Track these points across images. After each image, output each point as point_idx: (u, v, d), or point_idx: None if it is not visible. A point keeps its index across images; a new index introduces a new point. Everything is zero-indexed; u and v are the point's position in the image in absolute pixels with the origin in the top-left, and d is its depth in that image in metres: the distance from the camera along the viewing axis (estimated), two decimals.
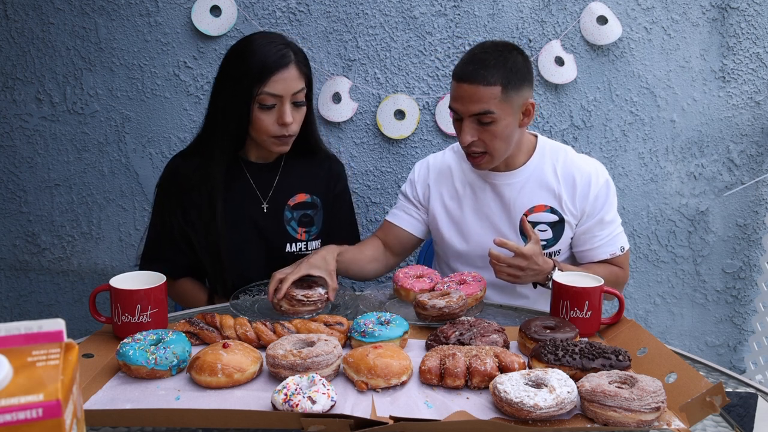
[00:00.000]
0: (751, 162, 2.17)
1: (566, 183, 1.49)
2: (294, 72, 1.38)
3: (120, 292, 1.09)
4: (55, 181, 2.21)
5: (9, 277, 2.29)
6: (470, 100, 1.35)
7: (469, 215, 1.55)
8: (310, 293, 1.24)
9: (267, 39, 1.41)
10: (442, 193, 1.58)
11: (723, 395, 0.83)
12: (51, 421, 0.41)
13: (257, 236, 1.52)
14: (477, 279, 1.34)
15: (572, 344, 0.99)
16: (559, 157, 1.52)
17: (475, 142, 1.39)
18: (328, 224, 1.60)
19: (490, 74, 1.34)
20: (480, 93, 1.34)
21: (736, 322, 2.28)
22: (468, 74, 1.35)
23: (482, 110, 1.35)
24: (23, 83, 2.14)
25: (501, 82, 1.34)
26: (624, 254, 1.53)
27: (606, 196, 1.50)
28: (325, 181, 1.59)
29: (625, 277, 1.56)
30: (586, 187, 1.48)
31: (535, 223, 1.50)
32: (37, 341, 0.46)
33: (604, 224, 1.50)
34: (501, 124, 1.37)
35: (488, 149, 1.40)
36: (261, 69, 1.36)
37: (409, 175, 1.65)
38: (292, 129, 1.41)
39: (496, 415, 0.88)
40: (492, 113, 1.35)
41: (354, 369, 0.96)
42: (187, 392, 0.94)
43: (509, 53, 1.39)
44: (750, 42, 2.10)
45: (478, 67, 1.35)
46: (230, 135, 1.44)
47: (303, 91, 1.41)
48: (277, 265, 1.48)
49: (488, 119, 1.36)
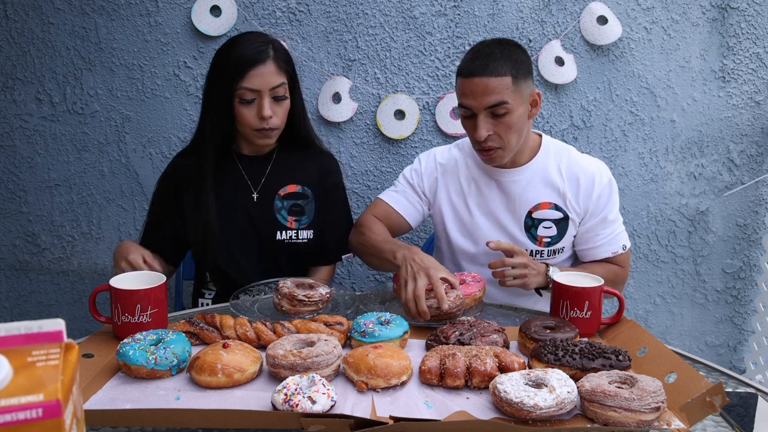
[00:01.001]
0: (751, 162, 2.17)
1: (570, 181, 1.50)
2: (272, 67, 1.43)
3: (120, 292, 1.09)
4: (55, 181, 2.21)
5: (9, 277, 2.29)
6: (483, 93, 1.36)
7: (474, 212, 1.56)
8: (311, 293, 1.24)
9: (248, 37, 1.47)
10: (448, 189, 1.59)
11: (723, 395, 0.83)
12: (51, 421, 0.41)
13: (248, 224, 1.57)
14: (476, 279, 1.34)
15: (572, 344, 0.99)
16: (563, 156, 1.53)
17: (491, 136, 1.40)
18: (321, 218, 1.62)
19: (500, 65, 1.36)
20: (492, 84, 1.35)
21: (736, 322, 2.28)
22: (478, 68, 1.36)
23: (497, 101, 1.36)
24: (23, 83, 2.14)
25: (510, 72, 1.36)
26: (625, 252, 1.54)
27: (609, 195, 1.50)
28: (316, 174, 1.63)
29: (625, 275, 1.57)
30: (590, 186, 1.49)
31: (540, 219, 1.52)
32: (37, 341, 0.46)
33: (606, 223, 1.51)
34: (515, 115, 1.38)
35: (503, 142, 1.41)
36: (238, 64, 1.42)
37: (414, 164, 1.64)
38: (273, 122, 1.46)
39: (496, 415, 0.88)
40: (507, 103, 1.36)
41: (354, 369, 0.96)
42: (187, 392, 0.94)
43: (511, 47, 1.42)
44: (750, 42, 2.10)
45: (487, 60, 1.36)
46: (219, 129, 1.50)
47: (283, 86, 1.46)
48: (268, 252, 1.57)
49: (503, 110, 1.37)
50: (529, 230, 1.52)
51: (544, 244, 1.52)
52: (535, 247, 1.52)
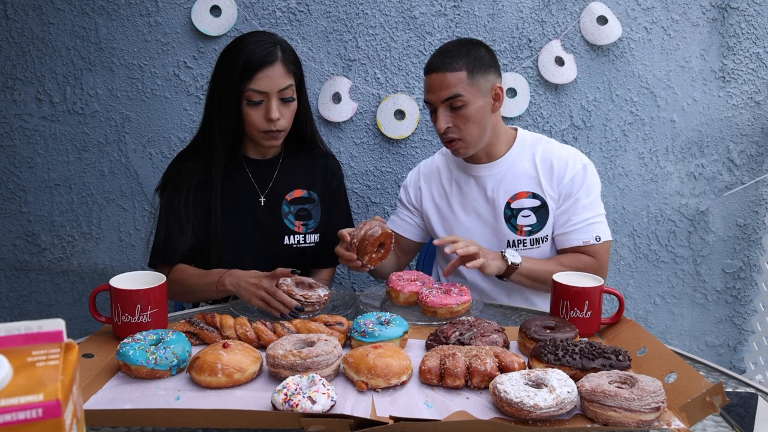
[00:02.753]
0: (751, 162, 2.17)
1: (544, 167, 1.54)
2: (280, 69, 1.42)
3: (120, 292, 1.09)
4: (55, 181, 2.21)
5: (9, 277, 2.29)
6: (440, 87, 1.45)
7: (456, 210, 1.61)
8: (309, 294, 1.24)
9: (256, 38, 1.45)
10: (432, 193, 1.66)
11: (723, 395, 0.83)
12: (51, 421, 0.41)
13: (255, 228, 1.56)
14: (461, 293, 1.29)
15: (572, 344, 0.99)
16: (537, 146, 1.58)
17: (450, 128, 1.47)
18: (325, 221, 1.61)
19: (455, 61, 1.44)
20: (447, 79, 1.44)
21: (736, 322, 2.28)
22: (435, 65, 1.46)
23: (452, 94, 1.44)
24: (23, 83, 2.14)
25: (466, 68, 1.44)
26: (600, 244, 1.52)
27: (583, 178, 1.52)
28: (321, 177, 1.63)
29: (600, 269, 1.51)
30: (563, 170, 1.53)
31: (519, 209, 1.54)
32: (37, 341, 0.46)
33: (579, 207, 1.51)
34: (472, 108, 1.45)
35: (462, 134, 1.47)
36: (246, 66, 1.40)
37: (403, 183, 1.73)
38: (280, 124, 1.45)
39: (496, 415, 0.88)
40: (461, 96, 1.44)
41: (354, 369, 0.96)
42: (187, 392, 0.94)
43: (472, 45, 1.48)
44: (750, 42, 2.10)
45: (444, 57, 1.46)
46: (226, 132, 1.48)
47: (290, 88, 1.45)
48: (276, 255, 1.55)
49: (459, 103, 1.44)
50: (509, 221, 1.55)
51: (525, 233, 1.55)
52: (517, 236, 1.55)
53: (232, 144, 1.52)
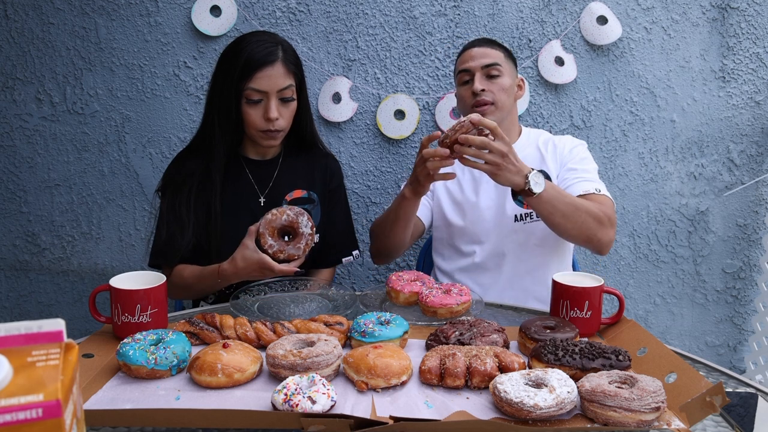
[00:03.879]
0: (751, 162, 2.17)
1: (547, 148, 1.69)
2: (280, 69, 1.42)
3: (120, 292, 1.09)
4: (55, 181, 2.21)
5: (9, 277, 2.29)
6: (482, 56, 1.63)
7: (466, 189, 1.70)
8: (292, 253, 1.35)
9: (258, 37, 1.45)
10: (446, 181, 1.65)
11: (723, 395, 0.83)
12: (51, 421, 0.41)
13: None
14: (460, 293, 1.28)
15: (572, 344, 0.99)
16: (541, 135, 1.74)
17: (485, 91, 1.61)
18: (325, 221, 1.61)
19: (495, 44, 1.67)
20: (489, 51, 1.64)
21: (736, 322, 2.28)
22: (478, 42, 1.67)
23: (492, 62, 1.62)
24: (23, 83, 2.14)
25: (503, 52, 1.66)
26: (603, 196, 1.52)
27: (581, 151, 1.65)
28: (321, 178, 1.63)
29: (611, 215, 1.48)
30: (564, 145, 1.68)
31: None
32: (37, 341, 0.46)
33: (580, 170, 1.60)
34: (506, 80, 1.63)
35: (495, 98, 1.61)
36: (247, 65, 1.41)
37: None
38: (279, 124, 1.46)
39: (496, 415, 0.88)
40: (500, 65, 1.62)
41: (354, 369, 0.96)
42: (187, 392, 0.94)
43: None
44: (750, 42, 2.10)
45: (485, 40, 1.69)
46: (226, 131, 1.48)
47: (290, 88, 1.45)
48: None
49: (496, 71, 1.61)
50: (516, 197, 1.63)
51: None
52: (523, 210, 1.63)
53: (231, 143, 1.52)
